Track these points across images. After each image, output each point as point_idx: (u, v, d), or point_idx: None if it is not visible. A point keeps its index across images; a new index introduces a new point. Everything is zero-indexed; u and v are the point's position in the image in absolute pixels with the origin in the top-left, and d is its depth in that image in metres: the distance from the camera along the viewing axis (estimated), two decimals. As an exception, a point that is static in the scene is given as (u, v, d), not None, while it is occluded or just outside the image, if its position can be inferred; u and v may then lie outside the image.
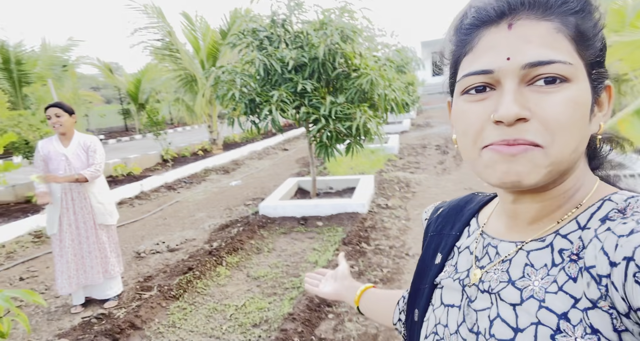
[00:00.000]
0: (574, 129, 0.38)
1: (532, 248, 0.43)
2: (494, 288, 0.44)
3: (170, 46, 9.13)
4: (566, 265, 0.39)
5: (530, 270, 0.42)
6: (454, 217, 0.58)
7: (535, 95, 0.38)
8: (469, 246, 0.52)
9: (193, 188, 7.27)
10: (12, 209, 5.60)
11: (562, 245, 0.41)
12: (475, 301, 0.46)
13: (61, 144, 2.90)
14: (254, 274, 3.50)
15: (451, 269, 0.53)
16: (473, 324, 0.45)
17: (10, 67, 8.66)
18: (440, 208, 0.62)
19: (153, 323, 2.78)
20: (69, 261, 2.89)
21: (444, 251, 0.55)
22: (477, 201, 0.58)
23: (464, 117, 0.42)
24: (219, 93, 4.73)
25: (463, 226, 0.56)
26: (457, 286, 0.50)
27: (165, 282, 3.40)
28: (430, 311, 0.53)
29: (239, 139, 13.22)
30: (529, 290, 0.41)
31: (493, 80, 0.40)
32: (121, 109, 17.21)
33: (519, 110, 0.38)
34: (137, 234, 4.83)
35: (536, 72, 0.38)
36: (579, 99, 0.38)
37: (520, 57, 0.38)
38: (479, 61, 0.41)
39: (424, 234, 0.62)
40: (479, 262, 0.49)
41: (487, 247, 0.49)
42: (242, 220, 5.03)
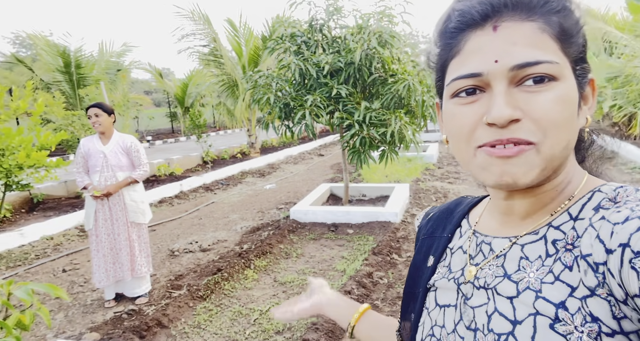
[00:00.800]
0: (565, 125, 0.39)
1: (526, 241, 0.44)
2: (490, 283, 0.44)
3: (215, 52, 9.47)
4: (561, 255, 0.40)
5: (526, 263, 0.42)
6: (444, 220, 0.58)
7: (525, 95, 0.39)
8: (462, 245, 0.53)
9: (229, 190, 7.43)
10: (63, 203, 6.00)
11: (555, 236, 0.42)
12: (471, 298, 0.46)
13: (101, 142, 3.05)
14: (281, 279, 3.47)
15: (444, 270, 0.53)
16: (470, 321, 0.45)
17: (70, 70, 9.39)
18: (430, 213, 0.63)
19: (179, 323, 2.81)
20: (105, 255, 3.01)
21: (436, 254, 0.55)
22: (467, 203, 0.59)
23: (456, 120, 0.43)
24: (256, 97, 4.80)
25: (454, 227, 0.56)
26: (452, 285, 0.49)
27: (195, 282, 3.45)
28: (425, 315, 0.53)
29: (276, 143, 13.43)
30: (525, 281, 0.41)
31: (482, 83, 0.40)
32: (169, 112, 18.12)
33: (512, 112, 0.38)
34: (174, 233, 4.99)
35: (524, 73, 0.39)
36: (567, 96, 0.39)
37: (508, 59, 0.39)
38: (466, 65, 0.41)
39: (416, 239, 0.63)
40: (472, 260, 0.49)
41: (480, 245, 0.49)
42: (273, 224, 5.04)
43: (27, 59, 11.46)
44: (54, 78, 9.44)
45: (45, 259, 4.22)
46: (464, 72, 0.41)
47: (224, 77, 9.99)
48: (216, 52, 9.40)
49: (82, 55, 9.44)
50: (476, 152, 0.42)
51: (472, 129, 0.41)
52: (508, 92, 0.39)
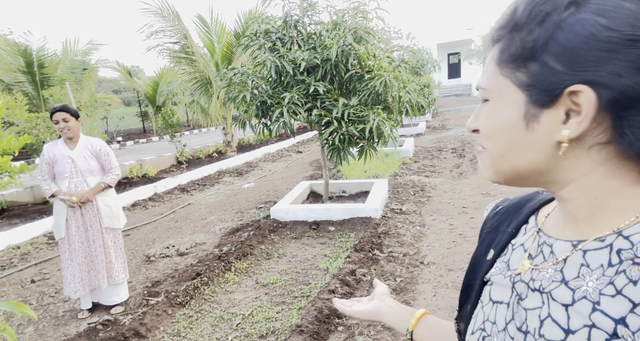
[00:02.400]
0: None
1: (590, 247, 0.42)
2: (546, 287, 0.44)
3: (186, 49, 9.19)
4: (627, 268, 0.38)
5: (586, 270, 0.41)
6: (512, 214, 0.58)
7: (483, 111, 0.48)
8: (524, 243, 0.52)
9: (206, 190, 7.26)
10: (30, 210, 5.69)
11: (622, 245, 0.40)
12: (525, 299, 0.46)
13: (67, 147, 2.89)
14: (263, 281, 3.41)
15: (502, 265, 0.53)
16: (522, 323, 0.45)
17: (33, 70, 8.89)
18: (499, 206, 0.62)
19: (158, 331, 2.71)
20: (80, 264, 2.87)
21: (497, 248, 0.55)
22: (539, 199, 0.57)
23: None
24: (231, 95, 4.68)
25: (520, 223, 0.55)
26: (507, 283, 0.49)
27: (173, 288, 3.35)
28: (479, 308, 0.54)
29: (253, 141, 13.24)
30: (582, 290, 0.40)
31: None
32: (139, 112, 17.52)
33: (471, 124, 0.50)
34: (149, 237, 4.82)
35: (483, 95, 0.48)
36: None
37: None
38: None
39: (480, 230, 0.63)
40: (532, 260, 0.48)
41: (542, 245, 0.48)
42: (253, 224, 4.96)
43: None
44: (16, 79, 8.90)
45: (12, 270, 3.99)
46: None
47: (197, 75, 9.73)
48: (187, 49, 9.13)
49: (45, 55, 8.94)
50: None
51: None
52: (480, 107, 0.49)
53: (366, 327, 2.60)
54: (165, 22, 8.71)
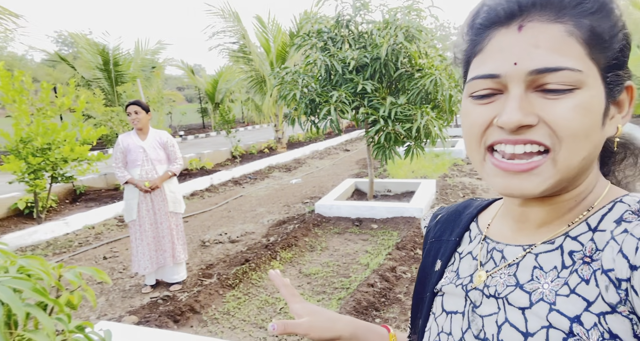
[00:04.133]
0: (583, 135, 0.37)
1: (541, 250, 0.42)
2: (501, 292, 0.43)
3: (244, 48, 9.67)
4: (578, 268, 0.39)
5: (539, 273, 0.41)
6: (452, 223, 0.57)
7: (543, 101, 0.37)
8: (471, 251, 0.51)
9: (257, 184, 7.62)
10: (103, 195, 6.38)
11: (572, 247, 0.40)
12: (480, 306, 0.45)
13: (139, 137, 3.25)
14: (306, 271, 3.57)
15: (452, 275, 0.51)
16: (479, 330, 0.44)
17: (109, 68, 9.90)
18: (438, 215, 0.61)
19: (210, 309, 2.98)
20: (149, 244, 3.22)
21: (443, 258, 0.54)
22: (475, 205, 0.57)
23: (469, 119, 0.42)
24: (282, 93, 4.90)
25: (462, 231, 0.54)
26: (460, 291, 0.48)
27: (224, 271, 3.62)
28: (432, 320, 0.52)
29: (302, 138, 13.57)
30: (539, 292, 0.40)
31: (500, 84, 0.39)
32: (200, 108, 18.67)
33: (522, 117, 0.37)
34: (205, 225, 5.21)
35: (544, 80, 0.37)
36: (588, 106, 0.37)
37: (528, 63, 0.37)
38: (486, 64, 0.40)
39: (424, 241, 0.61)
40: (483, 267, 0.47)
41: (491, 252, 0.48)
42: (299, 217, 5.15)
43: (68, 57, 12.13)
44: (94, 75, 10.00)
45: (88, 247, 4.53)
46: (483, 72, 0.40)
47: (253, 74, 10.19)
48: (245, 48, 9.61)
49: (119, 54, 9.93)
50: (485, 157, 0.41)
51: (484, 129, 0.41)
52: (524, 96, 0.37)
53: (403, 322, 2.65)
54: (226, 23, 9.23)
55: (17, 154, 4.22)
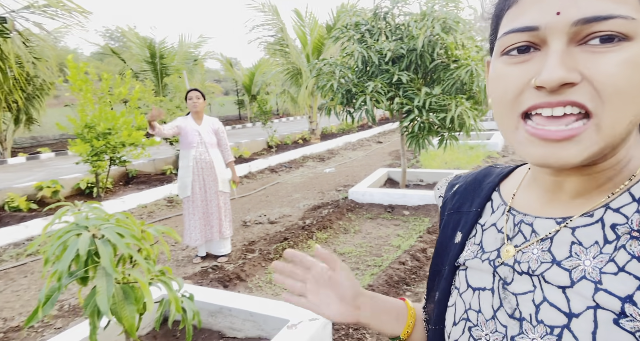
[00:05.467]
0: (632, 95, 0.33)
1: (579, 224, 0.39)
2: (535, 269, 0.40)
3: (281, 41, 9.98)
4: (626, 243, 0.35)
5: (579, 249, 0.38)
6: (472, 193, 0.53)
7: (587, 56, 0.33)
8: (495, 223, 0.47)
9: (292, 172, 7.94)
10: (152, 178, 6.91)
11: (615, 220, 0.37)
12: (512, 283, 0.42)
13: (195, 122, 3.59)
14: (340, 250, 3.81)
15: (475, 248, 0.48)
16: (513, 309, 0.41)
17: (155, 61, 10.54)
18: (455, 184, 0.57)
19: (254, 278, 3.29)
20: (200, 218, 3.58)
21: (464, 230, 0.51)
22: (497, 173, 0.53)
23: (502, 81, 0.38)
24: (320, 84, 5.12)
25: (484, 201, 0.51)
26: (487, 267, 0.45)
27: (265, 247, 3.93)
28: (456, 296, 0.49)
29: (335, 130, 13.77)
30: (580, 270, 0.37)
31: (538, 39, 0.35)
32: (237, 100, 19.31)
33: (565, 73, 0.33)
34: (245, 207, 5.56)
35: (590, 30, 0.33)
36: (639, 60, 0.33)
37: (573, 11, 0.33)
38: (523, 16, 0.36)
39: (440, 213, 0.58)
40: (510, 241, 0.44)
41: (519, 224, 0.44)
42: (333, 203, 5.40)
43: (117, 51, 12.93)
44: (142, 68, 10.67)
45: (142, 223, 5.00)
46: (518, 25, 0.36)
47: (289, 66, 10.48)
48: (282, 41, 9.90)
49: (164, 47, 10.53)
50: (519, 124, 0.37)
51: (518, 93, 0.36)
52: (567, 51, 0.34)
53: (432, 297, 2.84)
54: (265, 16, 9.55)
55: (83, 138, 4.73)
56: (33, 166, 9.21)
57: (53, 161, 9.96)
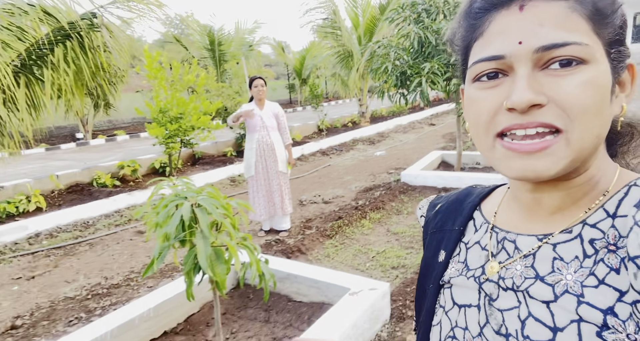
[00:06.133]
0: (595, 112, 0.36)
1: (559, 240, 0.41)
2: (520, 285, 0.41)
3: (334, 24, 9.99)
4: (604, 257, 0.37)
5: (560, 264, 0.39)
6: (454, 212, 0.55)
7: (550, 79, 0.36)
8: (479, 241, 0.49)
9: (342, 155, 8.11)
10: (215, 160, 7.44)
11: (592, 235, 0.39)
12: (497, 299, 0.43)
13: (258, 108, 3.85)
14: (393, 230, 3.96)
15: (460, 266, 0.49)
16: (500, 325, 0.42)
17: (214, 47, 11.07)
18: (437, 204, 0.59)
19: (313, 252, 3.55)
20: (263, 196, 3.90)
21: (447, 248, 0.52)
22: (477, 193, 0.55)
23: (476, 105, 0.41)
24: (373, 67, 5.16)
25: (466, 220, 0.52)
26: (472, 283, 0.46)
27: (321, 225, 4.18)
28: (442, 314, 0.49)
29: (385, 113, 13.63)
30: (562, 284, 0.38)
31: (505, 66, 0.38)
32: (287, 84, 19.69)
33: (533, 96, 0.36)
34: (300, 188, 5.85)
35: (550, 56, 0.36)
36: (598, 81, 0.36)
37: (533, 40, 0.36)
38: (489, 46, 0.39)
39: (424, 232, 0.59)
40: (495, 258, 0.46)
41: (502, 241, 0.46)
42: (385, 185, 5.50)
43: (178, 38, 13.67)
44: (202, 55, 11.27)
45: (208, 200, 5.47)
46: (486, 54, 0.39)
47: (340, 49, 10.49)
48: (334, 24, 9.92)
49: (222, 34, 11.00)
50: (495, 143, 0.40)
51: (492, 115, 0.39)
52: (532, 75, 0.37)
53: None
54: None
55: (158, 122, 5.22)
56: (112, 147, 10.25)
57: (128, 143, 11.01)
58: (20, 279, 3.33)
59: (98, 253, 3.83)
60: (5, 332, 2.55)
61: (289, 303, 2.63)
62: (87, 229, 4.43)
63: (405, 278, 2.94)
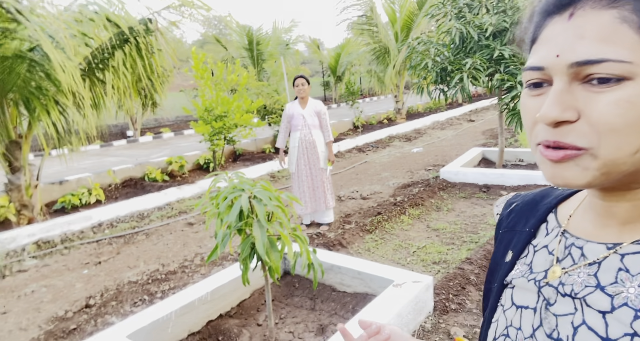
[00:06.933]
0: (627, 130, 0.34)
1: (629, 251, 0.40)
2: (578, 292, 0.41)
3: (370, 21, 9.99)
4: None
5: (625, 276, 0.39)
6: (528, 213, 0.54)
7: (586, 94, 0.35)
8: (547, 245, 0.48)
9: (378, 152, 8.13)
10: (255, 156, 7.71)
11: None
12: (554, 304, 0.43)
13: (300, 106, 3.99)
14: (433, 226, 3.97)
15: (524, 268, 0.49)
16: (552, 329, 0.42)
17: (252, 47, 11.40)
18: (513, 203, 0.58)
19: (354, 246, 3.65)
20: (305, 191, 4.04)
21: (515, 249, 0.52)
22: (555, 195, 0.53)
23: (523, 111, 0.41)
24: (413, 63, 5.15)
25: (538, 222, 0.51)
26: (532, 286, 0.46)
27: (361, 220, 4.26)
28: (500, 312, 0.50)
29: (422, 109, 13.44)
30: (622, 297, 0.38)
31: (547, 76, 0.38)
32: (322, 81, 19.83)
33: (559, 113, 0.36)
34: (337, 184, 5.96)
35: (587, 71, 0.35)
36: (635, 99, 0.34)
37: (570, 54, 0.35)
38: (535, 55, 0.39)
39: (496, 230, 0.59)
40: (559, 263, 0.45)
41: (569, 247, 0.45)
42: (423, 182, 5.49)
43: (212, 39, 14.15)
44: (241, 54, 11.63)
45: (250, 195, 5.70)
46: (530, 63, 0.39)
47: (376, 45, 10.47)
48: (371, 21, 9.91)
49: (260, 34, 11.30)
50: (536, 147, 0.40)
51: (533, 124, 0.40)
52: (567, 89, 0.36)
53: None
54: (355, -3, 9.63)
55: (204, 120, 5.51)
56: (159, 144, 10.85)
57: (173, 140, 11.59)
58: (89, 264, 3.68)
59: (154, 242, 4.14)
60: (81, 310, 2.85)
61: (334, 293, 2.75)
62: (143, 220, 4.78)
63: (447, 272, 2.98)
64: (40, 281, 3.37)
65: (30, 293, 3.18)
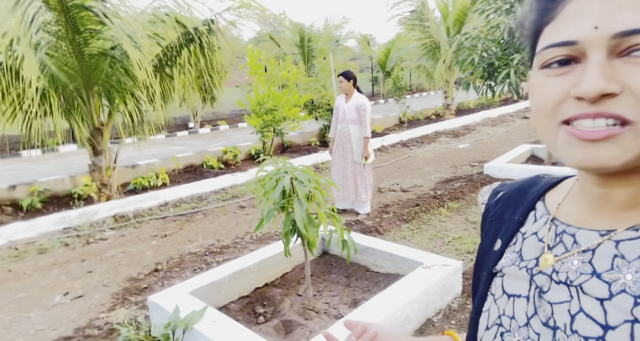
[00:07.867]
0: None
1: (623, 237, 0.39)
2: (574, 279, 0.40)
3: (421, 16, 9.93)
4: None
5: (621, 262, 0.38)
6: (516, 201, 0.54)
7: (628, 67, 0.34)
8: (537, 232, 0.48)
9: (423, 147, 8.14)
10: (301, 148, 8.10)
11: None
12: (548, 292, 0.42)
13: (344, 101, 4.24)
14: (472, 219, 4.05)
15: (514, 255, 0.49)
16: (548, 317, 0.42)
17: (303, 44, 11.80)
18: (499, 192, 0.58)
19: (390, 233, 3.85)
20: (338, 180, 4.31)
21: (504, 237, 0.51)
22: (543, 183, 0.53)
23: (542, 91, 0.39)
24: (460, 59, 5.17)
25: (527, 210, 0.51)
26: (524, 274, 0.46)
27: (399, 210, 4.44)
28: (491, 301, 0.50)
29: (473, 105, 13.06)
30: (620, 283, 0.37)
31: (577, 52, 0.36)
32: (371, 77, 19.87)
33: (605, 84, 0.34)
34: (379, 176, 6.14)
35: (629, 43, 0.34)
36: None
37: (611, 25, 0.34)
38: (562, 31, 0.37)
39: (482, 219, 0.59)
40: (551, 250, 0.45)
41: (561, 235, 0.45)
42: (466, 177, 5.51)
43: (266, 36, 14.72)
44: (292, 51, 12.08)
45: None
46: (558, 39, 0.37)
47: (427, 40, 10.38)
48: (422, 16, 9.85)
49: (312, 31, 11.66)
50: (558, 130, 0.38)
51: (558, 102, 0.37)
52: (607, 63, 0.34)
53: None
54: (407, -8, 9.62)
55: (257, 113, 5.95)
56: (216, 135, 11.67)
57: (228, 132, 12.39)
58: (157, 236, 4.24)
59: (210, 221, 4.64)
60: (151, 273, 3.36)
61: (367, 273, 2.99)
62: (201, 202, 5.33)
63: (478, 261, 3.09)
64: (118, 248, 3.97)
65: (110, 257, 3.78)
